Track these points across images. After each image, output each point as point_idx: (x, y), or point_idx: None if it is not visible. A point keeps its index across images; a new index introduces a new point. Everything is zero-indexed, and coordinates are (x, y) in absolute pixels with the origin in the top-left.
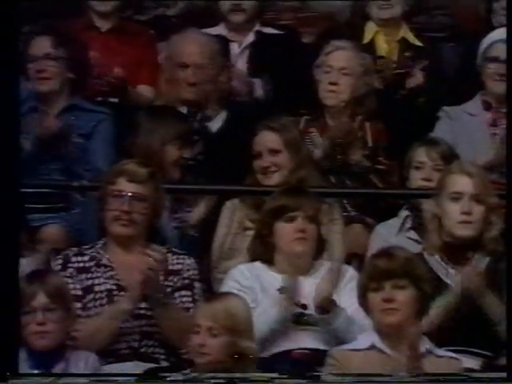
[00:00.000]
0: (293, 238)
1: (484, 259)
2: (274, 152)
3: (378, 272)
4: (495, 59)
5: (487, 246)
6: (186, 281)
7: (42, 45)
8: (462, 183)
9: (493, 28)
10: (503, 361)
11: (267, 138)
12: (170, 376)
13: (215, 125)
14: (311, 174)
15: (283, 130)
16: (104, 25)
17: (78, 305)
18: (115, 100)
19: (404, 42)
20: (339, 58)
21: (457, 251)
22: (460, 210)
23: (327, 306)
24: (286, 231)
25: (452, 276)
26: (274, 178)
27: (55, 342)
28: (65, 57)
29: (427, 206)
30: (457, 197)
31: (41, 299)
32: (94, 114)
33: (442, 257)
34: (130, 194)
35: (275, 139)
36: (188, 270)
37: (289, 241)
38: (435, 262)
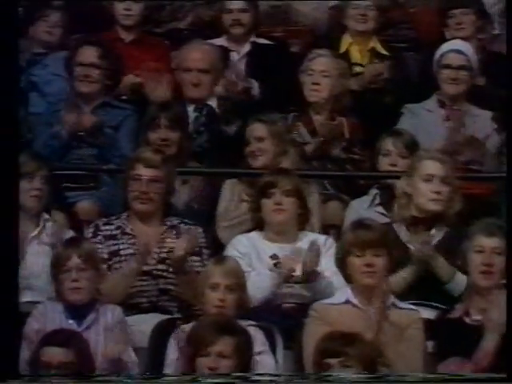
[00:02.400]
0: (272, 209)
1: (442, 230)
2: (260, 139)
3: (359, 241)
4: (447, 66)
5: (449, 219)
6: (196, 248)
7: (90, 54)
8: (433, 167)
9: (446, 40)
10: (455, 314)
11: (255, 128)
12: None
13: (217, 119)
14: (292, 159)
15: (269, 121)
16: (127, 37)
17: (106, 266)
18: (138, 99)
19: (373, 51)
20: (320, 63)
21: (421, 224)
22: (431, 189)
23: (312, 277)
24: (267, 205)
25: (416, 245)
26: (260, 161)
27: (87, 296)
28: (105, 66)
29: (400, 185)
30: (429, 178)
31: (75, 260)
32: (121, 110)
33: (409, 228)
34: (146, 177)
35: (261, 129)
36: (197, 239)
37: (269, 212)
38: (403, 231)
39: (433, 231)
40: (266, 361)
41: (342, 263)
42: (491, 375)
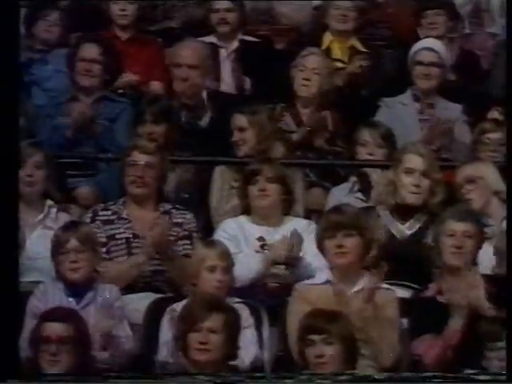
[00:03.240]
0: (256, 195)
1: (423, 218)
2: (241, 129)
3: (331, 224)
4: (420, 63)
5: (430, 208)
6: (187, 232)
7: (91, 51)
8: (414, 161)
9: (419, 39)
10: (428, 293)
11: (236, 119)
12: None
13: (207, 112)
14: (274, 148)
15: (250, 112)
16: (123, 35)
17: (103, 249)
18: (133, 93)
19: (353, 48)
20: (312, 60)
21: (404, 211)
22: (411, 182)
23: (294, 262)
24: (252, 191)
25: (397, 228)
26: (242, 150)
27: (85, 276)
28: (104, 62)
29: (387, 173)
30: (410, 171)
31: (73, 243)
32: (118, 103)
33: (392, 213)
34: (142, 163)
35: (242, 119)
36: (188, 223)
37: (254, 198)
38: (386, 216)
39: (413, 219)
40: (248, 334)
41: (320, 245)
42: (491, 375)
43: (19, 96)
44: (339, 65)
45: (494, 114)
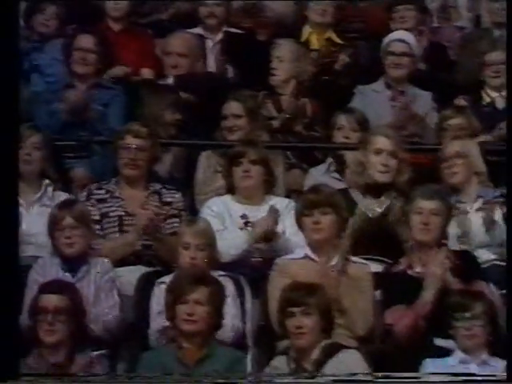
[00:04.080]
0: (240, 176)
1: (392, 195)
2: (236, 116)
3: (309, 202)
4: (392, 53)
5: (398, 187)
6: (176, 211)
7: (86, 41)
8: (382, 142)
9: (391, 31)
10: (400, 267)
11: (232, 106)
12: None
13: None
14: (264, 134)
15: (245, 100)
16: (116, 27)
17: (97, 226)
18: (125, 80)
19: (330, 40)
20: (278, 50)
21: (375, 189)
22: (380, 161)
23: (272, 236)
24: (236, 172)
25: (368, 207)
26: (236, 136)
27: (79, 251)
28: (99, 51)
29: (356, 155)
30: (378, 152)
31: (68, 220)
32: (111, 89)
33: (363, 193)
34: (134, 146)
35: (238, 107)
36: (177, 202)
37: (238, 179)
38: (358, 196)
39: (383, 197)
40: (232, 306)
41: (299, 222)
42: (491, 375)
43: (19, 82)
44: (316, 55)
45: (460, 101)
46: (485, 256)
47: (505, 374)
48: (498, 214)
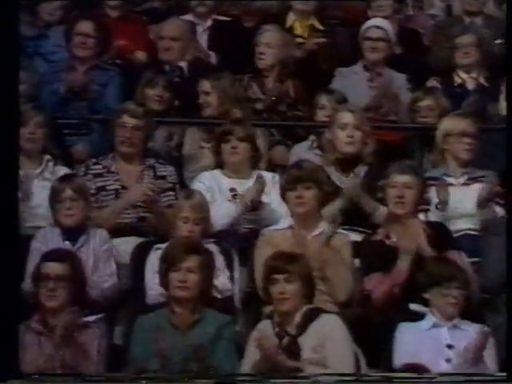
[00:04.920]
0: (229, 152)
1: (363, 169)
2: (206, 93)
3: (293, 177)
4: (369, 38)
5: (365, 159)
6: (170, 184)
7: (86, 26)
8: (346, 117)
9: (369, 18)
10: (377, 237)
11: (202, 84)
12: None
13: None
14: (236, 110)
15: (214, 78)
16: (113, 13)
17: (94, 198)
18: (122, 62)
19: (312, 26)
20: (265, 36)
21: (346, 164)
22: (346, 134)
23: (258, 205)
24: (225, 149)
25: (343, 182)
26: (207, 111)
27: (78, 221)
28: (98, 36)
29: (325, 134)
30: (343, 126)
31: (68, 193)
32: (108, 70)
33: (336, 168)
34: (130, 125)
35: (206, 84)
36: (171, 176)
37: (227, 154)
38: (332, 171)
39: (355, 171)
40: (222, 273)
41: (283, 196)
42: (491, 375)
43: (19, 65)
44: (300, 40)
45: (433, 82)
46: (458, 226)
47: (505, 374)
48: (479, 193)
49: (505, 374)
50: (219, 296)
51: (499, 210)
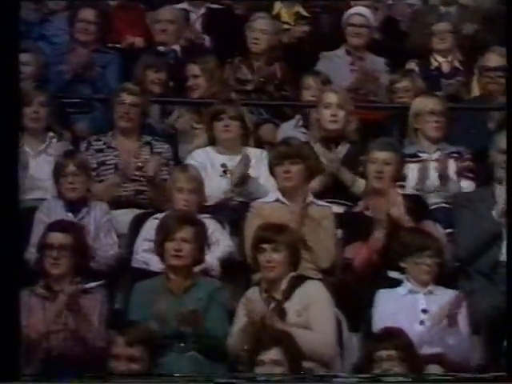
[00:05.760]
0: (221, 130)
1: (346, 147)
2: (195, 77)
3: (280, 153)
4: (352, 24)
5: (348, 136)
6: (165, 160)
7: (88, 13)
8: (330, 97)
9: (351, 6)
10: (357, 209)
11: (191, 68)
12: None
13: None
14: (223, 92)
15: (202, 62)
16: (113, 1)
17: (95, 173)
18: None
19: (298, 14)
20: (260, 22)
21: (330, 141)
22: (330, 113)
23: (245, 180)
24: (218, 127)
25: (327, 157)
26: (195, 94)
27: (80, 194)
28: (99, 22)
29: (312, 114)
30: (328, 106)
31: (71, 168)
32: (108, 54)
33: (321, 145)
34: (128, 102)
35: (195, 68)
36: (166, 153)
37: (219, 132)
38: (317, 147)
39: (339, 148)
40: (217, 235)
41: (271, 171)
42: (491, 375)
43: (20, 48)
44: (286, 27)
45: (411, 65)
46: (434, 199)
47: (505, 373)
48: (452, 168)
49: (505, 374)
50: (213, 262)
51: (469, 184)
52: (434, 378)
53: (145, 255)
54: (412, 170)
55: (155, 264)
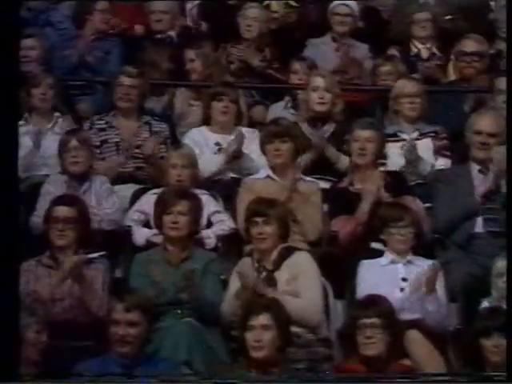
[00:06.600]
0: (220, 111)
1: (332, 126)
2: (191, 60)
3: (271, 132)
4: (337, 13)
5: (334, 117)
6: (163, 139)
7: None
8: (318, 81)
9: None
10: (343, 184)
11: (188, 53)
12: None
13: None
14: (218, 74)
15: (197, 47)
16: None
17: (98, 150)
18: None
19: (287, 3)
20: (252, 12)
21: (317, 121)
22: (317, 96)
23: (239, 155)
24: (217, 107)
25: (314, 136)
26: (193, 76)
27: (83, 169)
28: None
29: (301, 95)
30: (315, 89)
31: (74, 143)
32: (110, 41)
33: (308, 125)
34: (127, 83)
35: (191, 53)
36: (163, 132)
37: (217, 112)
38: (305, 127)
39: (325, 127)
40: (222, 216)
41: (262, 149)
42: (491, 375)
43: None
44: (276, 15)
45: (392, 51)
46: (413, 176)
47: (505, 373)
48: (430, 147)
49: (505, 373)
50: (210, 234)
51: (446, 162)
52: (434, 378)
53: (132, 225)
54: (392, 149)
55: (139, 236)
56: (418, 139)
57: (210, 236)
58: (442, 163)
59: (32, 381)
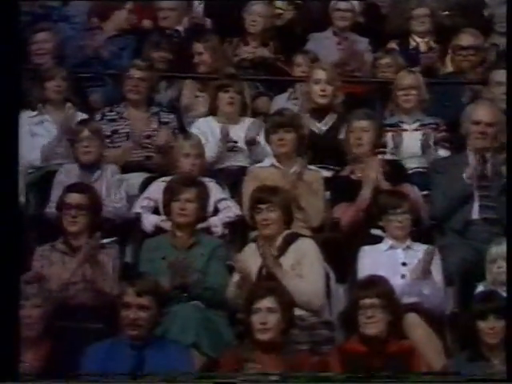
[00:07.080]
0: (226, 102)
1: (333, 117)
2: (199, 54)
3: (275, 123)
4: (338, 9)
5: (335, 108)
6: (171, 129)
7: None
8: (320, 73)
9: None
10: (344, 173)
11: (196, 46)
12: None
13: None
14: (226, 67)
15: (205, 40)
16: None
17: (108, 140)
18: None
19: (291, 0)
20: (256, 7)
21: (319, 113)
22: (319, 88)
23: (253, 142)
24: (223, 98)
25: (316, 126)
26: (201, 69)
27: (93, 158)
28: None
29: (303, 87)
30: (317, 81)
31: (85, 133)
32: (123, 38)
33: (311, 115)
34: (136, 76)
35: (199, 46)
36: (171, 122)
37: (224, 104)
38: (307, 118)
39: (326, 119)
40: (228, 203)
41: (267, 139)
42: (491, 375)
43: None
44: (280, 11)
45: (392, 44)
46: (411, 164)
47: (505, 373)
48: (430, 138)
49: (504, 374)
50: (217, 222)
51: (444, 152)
52: (434, 379)
53: (141, 212)
54: (393, 138)
55: (148, 223)
56: (417, 130)
57: (216, 224)
58: (442, 153)
59: (32, 381)
